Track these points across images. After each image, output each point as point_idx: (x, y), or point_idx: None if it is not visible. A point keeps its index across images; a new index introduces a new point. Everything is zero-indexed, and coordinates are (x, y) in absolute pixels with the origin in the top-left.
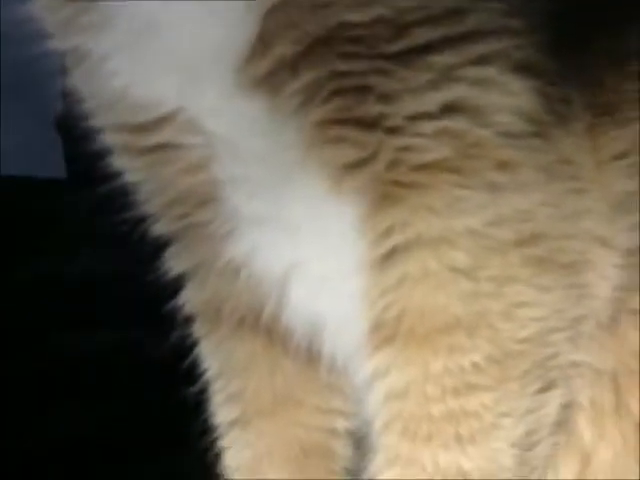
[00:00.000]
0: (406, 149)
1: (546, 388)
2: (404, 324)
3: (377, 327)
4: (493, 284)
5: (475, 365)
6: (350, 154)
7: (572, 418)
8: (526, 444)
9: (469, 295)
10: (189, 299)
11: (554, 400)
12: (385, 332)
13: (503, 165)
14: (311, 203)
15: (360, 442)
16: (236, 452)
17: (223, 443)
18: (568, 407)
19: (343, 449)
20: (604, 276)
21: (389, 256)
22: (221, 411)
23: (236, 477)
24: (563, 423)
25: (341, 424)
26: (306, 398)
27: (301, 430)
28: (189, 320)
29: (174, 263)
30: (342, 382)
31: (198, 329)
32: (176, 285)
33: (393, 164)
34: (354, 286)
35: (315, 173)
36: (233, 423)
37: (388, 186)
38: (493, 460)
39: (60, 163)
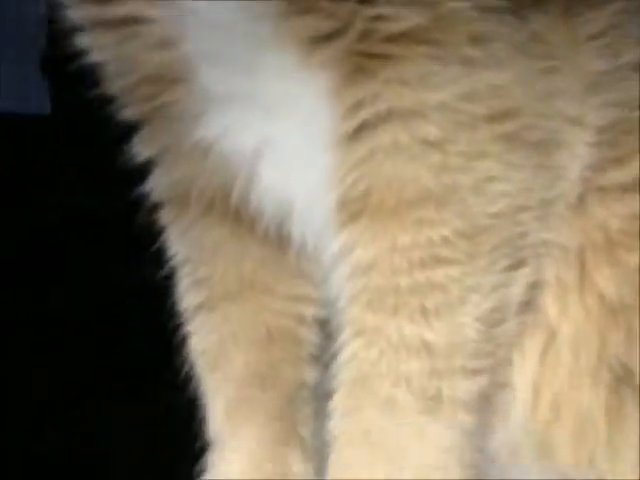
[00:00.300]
0: (379, 19)
1: (515, 266)
2: (372, 198)
3: (345, 202)
4: (463, 158)
5: (444, 239)
6: (321, 25)
7: (539, 297)
8: (492, 320)
9: (439, 168)
10: (157, 184)
11: (522, 279)
12: (353, 207)
13: (476, 39)
14: (281, 77)
15: (327, 329)
16: (201, 337)
17: (189, 328)
18: (536, 287)
19: (310, 336)
20: (575, 155)
21: (359, 129)
22: (187, 296)
23: (201, 362)
24: (530, 303)
25: (309, 311)
26: (274, 284)
27: (268, 315)
28: (157, 207)
29: (142, 148)
30: (311, 267)
31: (165, 215)
32: (144, 171)
33: (365, 35)
34: (323, 161)
35: (285, 46)
36: (199, 307)
37: (359, 58)
38: (457, 334)
39: (45, 100)
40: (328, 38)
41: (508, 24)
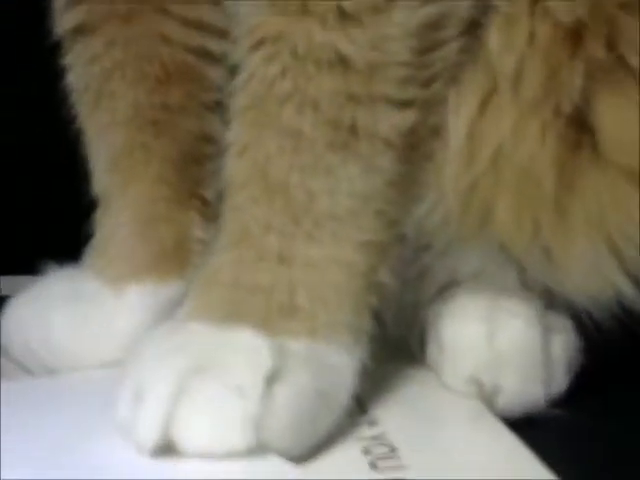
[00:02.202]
0: None
1: None
2: None
3: None
4: None
5: None
6: None
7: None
8: (428, 38)
9: None
10: None
11: None
12: None
13: None
14: None
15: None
16: (82, 69)
17: (67, 59)
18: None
19: (215, 77)
20: None
21: None
22: (65, 16)
23: (83, 101)
24: (475, 26)
25: (214, 44)
26: (169, 5)
27: (162, 45)
28: None
29: None
30: None
31: None
32: None
33: None
34: None
35: None
36: (78, 31)
37: None
38: (382, 50)
39: None
40: None
41: None
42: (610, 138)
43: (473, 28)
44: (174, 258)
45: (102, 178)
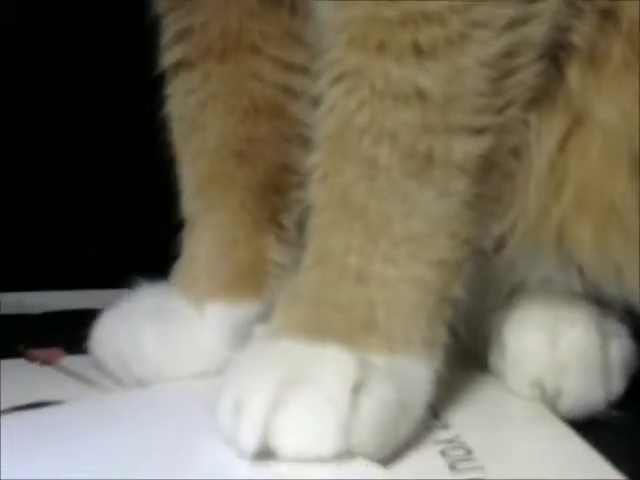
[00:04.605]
0: None
1: None
2: None
3: None
4: None
5: None
6: None
7: (562, 59)
8: (502, 67)
9: None
10: None
11: (546, 14)
12: None
13: None
14: None
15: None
16: (179, 99)
17: (168, 90)
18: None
19: (299, 112)
20: None
21: None
22: (168, 52)
23: (177, 130)
24: (553, 59)
25: (299, 82)
26: (263, 45)
27: (253, 83)
28: None
29: None
30: (304, 29)
31: None
32: None
33: None
34: None
35: None
36: (179, 65)
37: None
38: (457, 81)
39: None
40: None
41: None
42: None
43: (552, 50)
44: (250, 279)
45: (189, 202)
